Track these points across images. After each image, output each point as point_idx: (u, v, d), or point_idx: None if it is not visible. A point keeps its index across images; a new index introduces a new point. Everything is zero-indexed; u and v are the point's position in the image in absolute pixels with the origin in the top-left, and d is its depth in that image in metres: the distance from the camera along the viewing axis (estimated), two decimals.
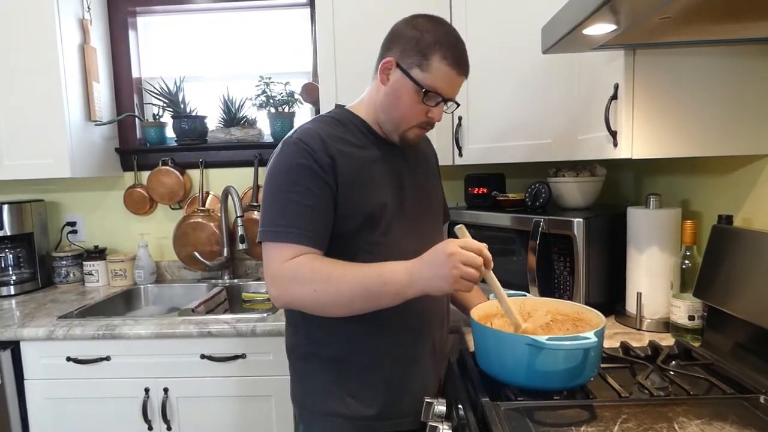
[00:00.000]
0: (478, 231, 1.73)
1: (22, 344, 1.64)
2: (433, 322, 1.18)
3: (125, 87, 2.26)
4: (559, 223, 1.45)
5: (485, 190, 1.79)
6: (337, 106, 1.20)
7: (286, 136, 1.10)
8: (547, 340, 0.92)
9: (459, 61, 1.06)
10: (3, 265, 2.11)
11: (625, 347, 1.20)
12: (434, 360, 1.20)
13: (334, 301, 1.01)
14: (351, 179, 1.06)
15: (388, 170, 1.13)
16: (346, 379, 1.12)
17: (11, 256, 2.11)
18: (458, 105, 1.14)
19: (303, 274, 1.00)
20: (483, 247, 0.95)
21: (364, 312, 1.03)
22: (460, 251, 0.93)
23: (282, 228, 1.03)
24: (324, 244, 1.06)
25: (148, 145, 2.26)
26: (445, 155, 1.80)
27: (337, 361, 1.13)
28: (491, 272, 0.99)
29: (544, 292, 1.49)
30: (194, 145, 2.21)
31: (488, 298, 1.21)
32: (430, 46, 1.04)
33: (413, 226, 1.15)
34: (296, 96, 2.18)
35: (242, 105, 2.22)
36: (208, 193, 2.29)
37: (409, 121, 1.09)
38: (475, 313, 1.11)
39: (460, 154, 1.76)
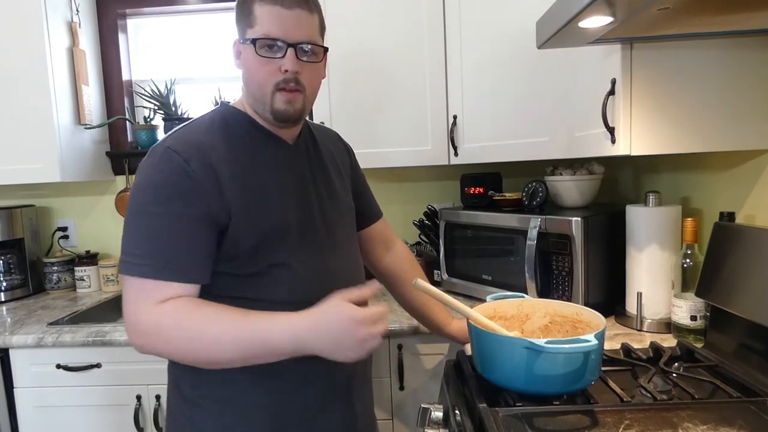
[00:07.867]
0: (474, 231, 1.70)
1: (11, 352, 1.61)
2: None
3: (115, 90, 2.23)
4: (557, 223, 1.42)
5: (481, 190, 1.77)
6: (222, 103, 1.05)
7: (155, 143, 0.95)
8: (545, 343, 0.89)
9: None
10: None
11: (626, 349, 1.17)
12: (353, 387, 1.06)
13: (205, 362, 0.89)
14: (239, 191, 0.92)
15: (286, 177, 1.00)
16: (242, 422, 0.97)
17: (1, 262, 2.07)
18: (325, 49, 0.99)
19: (168, 332, 0.86)
20: (385, 309, 0.88)
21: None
22: (359, 311, 0.84)
23: (142, 260, 0.87)
24: (197, 275, 0.90)
25: (140, 149, 2.22)
26: (440, 155, 1.77)
27: (229, 401, 0.97)
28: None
29: (543, 292, 1.46)
30: None
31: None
32: (248, 1, 0.94)
33: (323, 240, 1.02)
34: None
35: None
36: None
37: (265, 85, 0.94)
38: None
39: (456, 154, 1.74)
